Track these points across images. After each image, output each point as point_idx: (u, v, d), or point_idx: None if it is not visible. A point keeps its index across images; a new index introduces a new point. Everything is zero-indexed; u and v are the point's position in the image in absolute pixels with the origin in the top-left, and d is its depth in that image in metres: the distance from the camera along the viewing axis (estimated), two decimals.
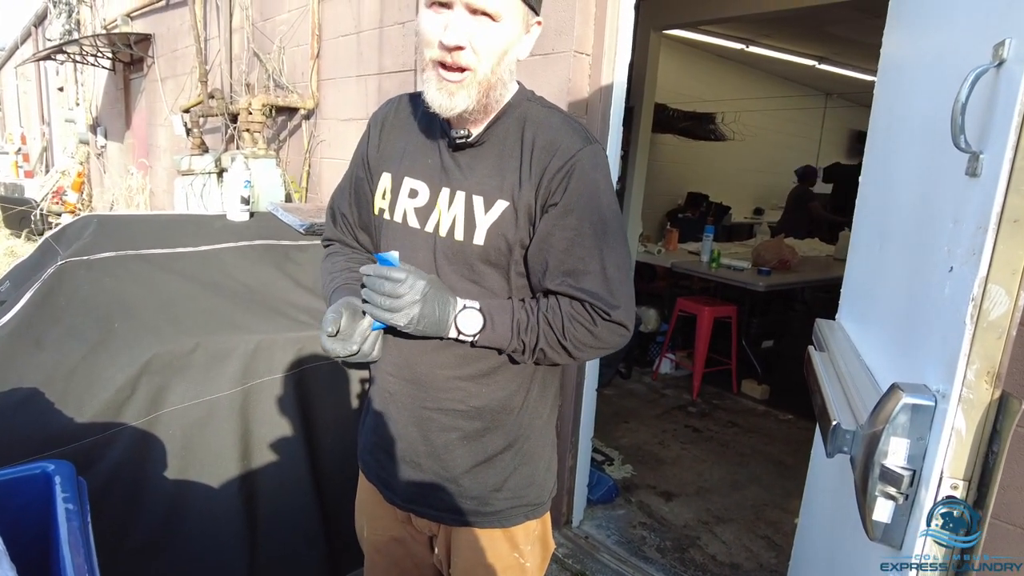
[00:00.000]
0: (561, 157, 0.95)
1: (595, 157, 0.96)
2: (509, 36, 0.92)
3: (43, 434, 1.32)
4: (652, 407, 3.72)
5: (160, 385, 1.44)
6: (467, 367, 1.02)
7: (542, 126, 0.98)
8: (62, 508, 1.06)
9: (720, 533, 2.44)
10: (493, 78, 0.93)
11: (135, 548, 1.44)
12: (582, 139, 0.97)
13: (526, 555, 1.11)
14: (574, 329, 0.94)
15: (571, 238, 0.94)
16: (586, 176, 0.94)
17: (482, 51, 0.91)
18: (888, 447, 0.73)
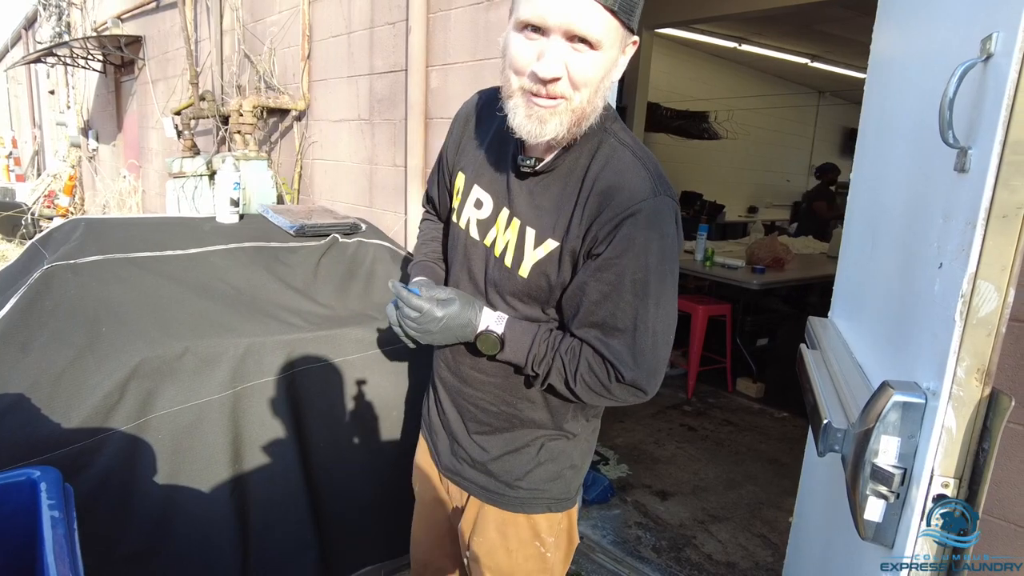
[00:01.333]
0: (615, 208, 0.89)
1: (655, 212, 0.89)
2: (607, 63, 0.86)
3: (29, 440, 1.31)
4: (647, 406, 3.71)
5: (149, 390, 1.43)
6: (507, 378, 1.06)
7: (609, 165, 0.92)
8: (47, 516, 1.05)
9: (716, 532, 2.44)
10: (588, 108, 0.88)
11: (125, 555, 1.42)
12: (648, 190, 0.90)
13: (548, 546, 1.15)
14: (586, 379, 0.94)
15: (606, 292, 0.91)
16: (638, 231, 0.88)
17: (579, 81, 0.84)
18: (879, 445, 0.73)
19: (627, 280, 0.89)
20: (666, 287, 0.92)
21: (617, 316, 0.91)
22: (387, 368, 1.76)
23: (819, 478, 1.38)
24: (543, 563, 1.16)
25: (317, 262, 1.83)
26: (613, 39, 0.84)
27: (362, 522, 1.76)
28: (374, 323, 1.77)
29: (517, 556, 1.14)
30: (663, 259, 0.90)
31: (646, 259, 0.89)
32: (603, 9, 0.81)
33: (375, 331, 1.74)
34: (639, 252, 0.89)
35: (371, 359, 1.73)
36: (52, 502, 1.09)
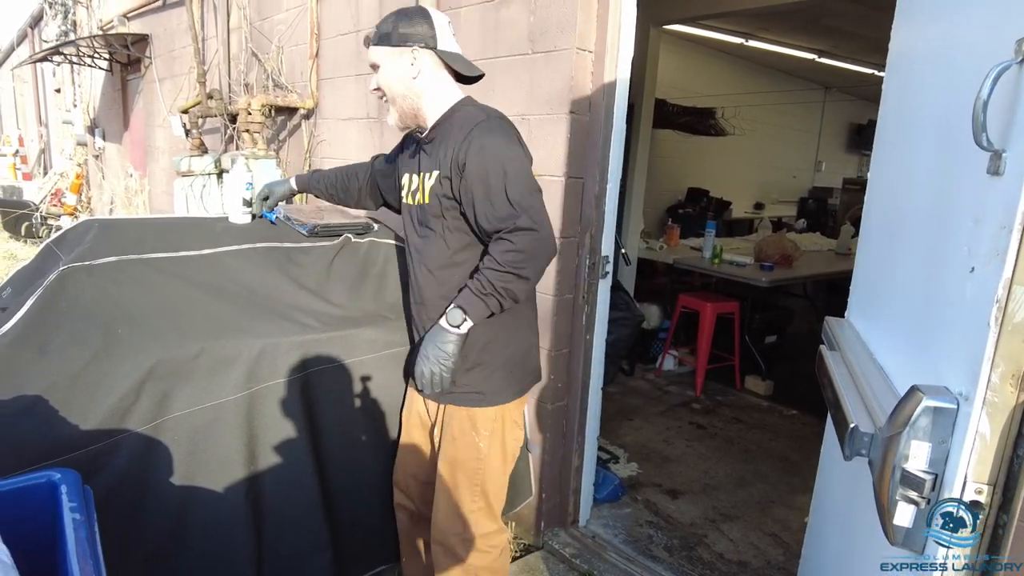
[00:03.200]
0: (464, 130, 1.36)
1: (489, 125, 1.37)
2: (391, 73, 1.42)
3: (47, 442, 1.31)
4: (656, 404, 3.71)
5: (165, 391, 1.43)
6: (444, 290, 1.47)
7: (462, 118, 1.41)
8: (69, 518, 1.05)
9: (727, 531, 2.43)
10: (398, 96, 1.44)
11: (142, 556, 1.43)
12: (482, 116, 1.39)
13: (483, 438, 1.52)
14: (504, 258, 1.30)
15: (480, 182, 1.33)
16: (482, 139, 1.34)
17: (380, 85, 1.45)
18: (909, 451, 0.72)
19: (491, 172, 1.33)
20: (519, 167, 1.35)
21: (495, 192, 1.33)
22: (399, 368, 1.76)
23: (836, 478, 1.38)
24: (477, 452, 1.52)
25: (330, 262, 1.83)
26: (386, 59, 1.43)
27: (376, 523, 1.76)
28: (387, 323, 1.77)
29: (459, 444, 1.52)
30: (503, 145, 1.35)
31: (494, 148, 1.34)
32: (372, 47, 1.44)
33: (388, 331, 1.74)
34: (488, 148, 1.34)
35: (384, 359, 1.72)
36: (73, 504, 1.09)
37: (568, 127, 2.01)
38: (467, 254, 1.46)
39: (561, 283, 2.11)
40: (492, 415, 1.52)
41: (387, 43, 1.41)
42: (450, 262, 1.46)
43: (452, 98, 1.47)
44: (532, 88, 2.10)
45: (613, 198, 2.12)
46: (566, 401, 2.26)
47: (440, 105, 1.46)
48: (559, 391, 2.22)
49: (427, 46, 1.41)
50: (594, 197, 2.08)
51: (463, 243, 1.45)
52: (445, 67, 1.46)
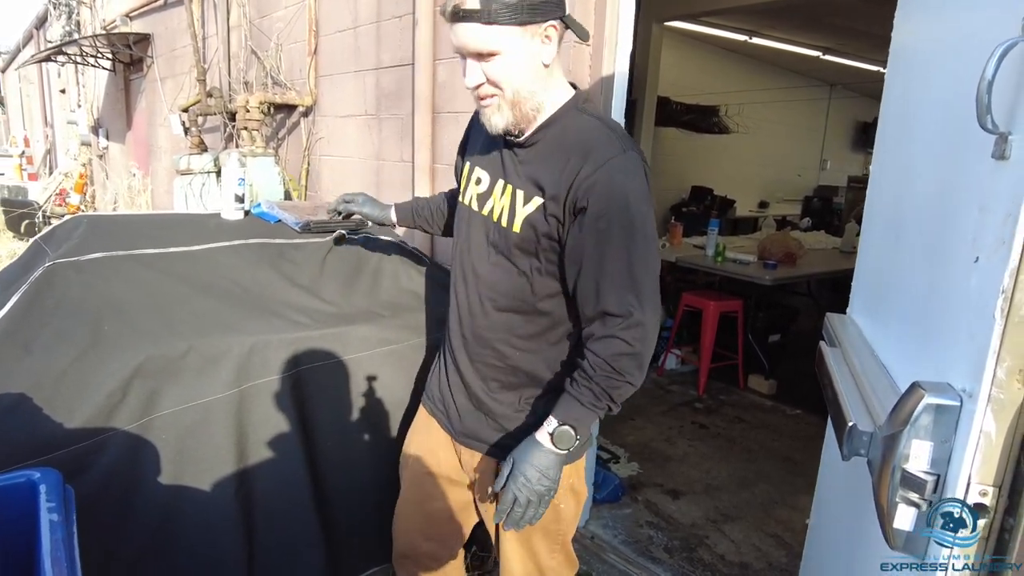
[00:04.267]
0: (592, 164, 1.04)
1: (627, 164, 1.04)
2: (514, 61, 1.03)
3: (31, 441, 1.29)
4: (658, 404, 3.67)
5: (153, 389, 1.40)
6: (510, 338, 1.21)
7: (582, 133, 1.08)
8: (46, 519, 1.02)
9: (729, 532, 2.40)
10: (520, 96, 1.06)
11: (129, 558, 1.40)
12: (617, 148, 1.05)
13: (560, 496, 1.23)
14: (620, 364, 1.04)
15: (600, 239, 1.04)
16: (614, 182, 1.03)
17: (497, 80, 1.04)
18: (909, 450, 0.69)
19: (615, 225, 1.03)
20: (648, 229, 1.05)
21: (611, 259, 1.04)
22: (394, 366, 1.73)
23: (838, 479, 1.34)
24: (556, 514, 1.26)
25: (323, 259, 1.80)
26: (512, 42, 1.01)
27: (369, 522, 1.73)
28: (381, 320, 1.74)
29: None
30: (641, 205, 1.04)
31: (627, 205, 1.03)
32: (484, 27, 0.99)
33: (382, 329, 1.71)
34: (620, 199, 1.02)
35: (378, 357, 1.70)
36: (52, 504, 1.06)
37: None
38: (553, 303, 1.16)
39: None
40: (569, 469, 1.24)
41: (514, 19, 0.98)
42: (531, 308, 1.17)
43: (565, 89, 1.13)
44: None
45: None
46: None
47: (558, 98, 1.12)
48: None
49: (559, 14, 1.04)
50: None
51: (552, 290, 1.15)
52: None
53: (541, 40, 1.03)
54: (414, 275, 1.93)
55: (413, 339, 1.77)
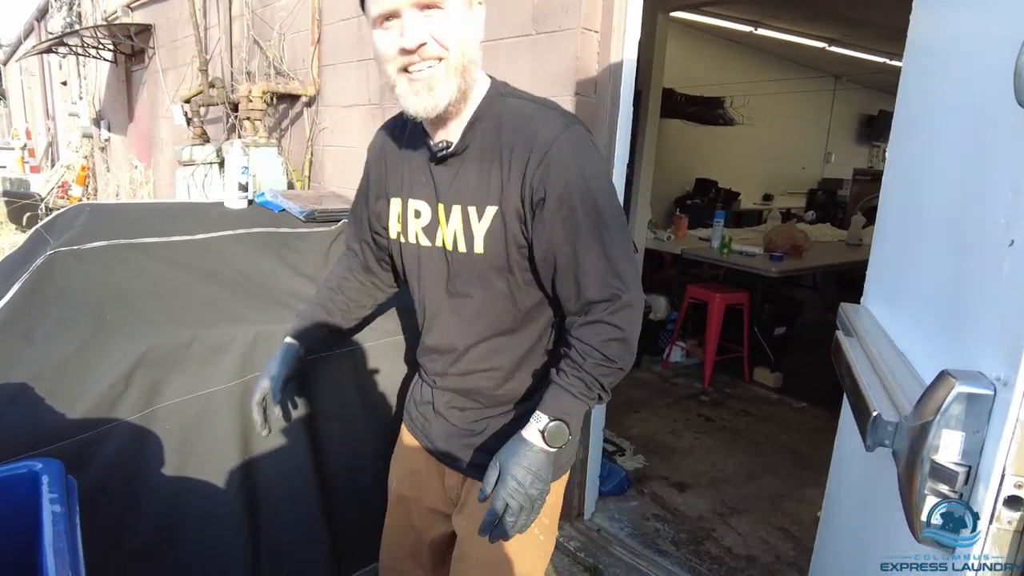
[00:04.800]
0: (539, 150, 0.94)
1: (574, 141, 0.96)
2: (460, 19, 0.93)
3: (33, 432, 1.27)
4: (663, 396, 3.65)
5: (156, 379, 1.38)
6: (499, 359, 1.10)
7: (518, 120, 0.98)
8: (48, 510, 1.01)
9: (736, 524, 2.38)
10: (465, 60, 0.94)
11: (133, 550, 1.38)
12: (559, 125, 0.96)
13: (542, 525, 1.18)
14: (610, 350, 0.97)
15: (569, 230, 0.95)
16: (567, 162, 0.94)
17: (445, 40, 0.91)
18: (939, 441, 0.66)
19: (580, 210, 0.94)
20: (613, 204, 0.97)
21: (588, 247, 0.96)
22: (400, 356, 1.71)
23: (851, 472, 1.32)
24: (535, 544, 1.18)
25: (327, 248, 1.78)
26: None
27: (374, 515, 1.71)
28: (386, 309, 1.72)
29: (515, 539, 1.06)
30: (599, 180, 0.96)
31: (585, 184, 0.94)
32: None
33: (388, 319, 1.69)
34: (577, 179, 0.94)
35: (384, 347, 1.67)
36: (54, 495, 1.04)
37: (573, 109, 1.95)
38: (539, 310, 1.07)
39: None
40: (555, 495, 1.17)
41: None
42: (517, 325, 1.07)
43: (485, 77, 1.04)
44: (536, 69, 2.04)
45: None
46: None
47: (481, 87, 1.02)
48: None
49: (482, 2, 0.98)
50: None
51: (536, 299, 1.06)
52: None
53: (478, 9, 0.96)
54: None
55: None
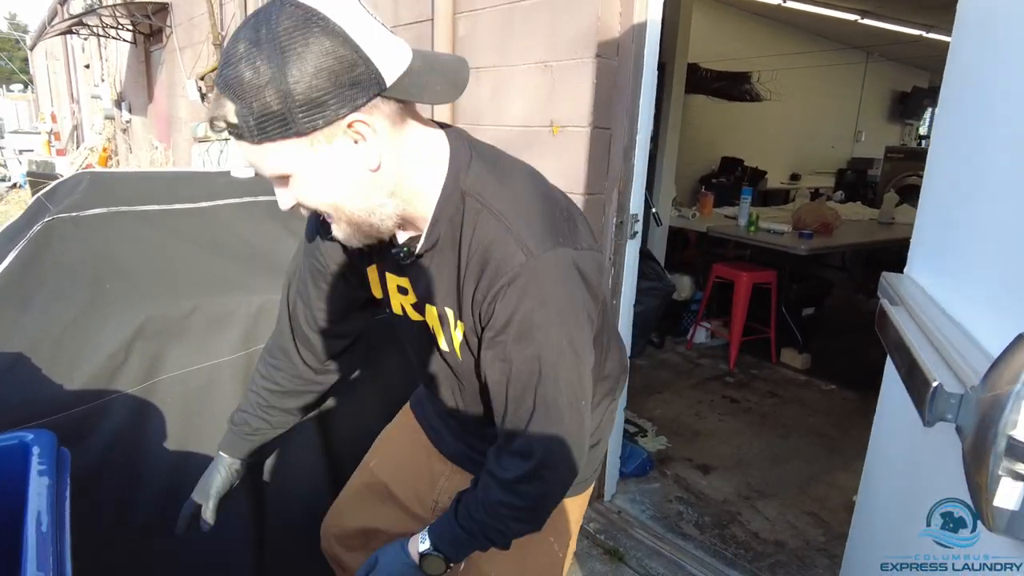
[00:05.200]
0: (487, 280, 0.78)
1: (531, 277, 0.75)
2: (315, 179, 0.72)
3: (29, 404, 1.22)
4: (686, 378, 3.56)
5: (156, 351, 1.33)
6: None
7: (476, 232, 0.79)
8: (36, 481, 0.96)
9: (762, 508, 2.29)
10: (351, 212, 0.76)
11: (137, 525, 1.34)
12: (516, 253, 0.75)
13: (560, 537, 1.09)
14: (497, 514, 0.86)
15: (500, 379, 0.81)
16: (516, 305, 0.76)
17: (309, 204, 0.76)
18: (1018, 415, 0.57)
19: (515, 362, 0.79)
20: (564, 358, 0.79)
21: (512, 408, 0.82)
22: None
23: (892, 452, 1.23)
24: (551, 558, 1.09)
25: None
26: (294, 158, 0.70)
27: None
28: None
29: (529, 551, 1.03)
30: (547, 326, 0.77)
31: (533, 336, 0.77)
32: (254, 147, 0.69)
33: None
34: (520, 332, 0.77)
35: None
36: (43, 467, 1.00)
37: (594, 72, 1.84)
38: None
39: None
40: (577, 510, 1.11)
41: (285, 131, 0.67)
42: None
43: (435, 165, 0.79)
44: (555, 32, 1.94)
45: (643, 150, 1.96)
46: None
47: (429, 183, 0.79)
48: None
49: (368, 97, 0.69)
50: (623, 149, 1.92)
51: None
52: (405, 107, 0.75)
53: (349, 142, 0.71)
54: None
55: None
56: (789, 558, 2.00)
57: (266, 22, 0.65)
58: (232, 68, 0.65)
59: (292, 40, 0.64)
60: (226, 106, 0.67)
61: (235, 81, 0.65)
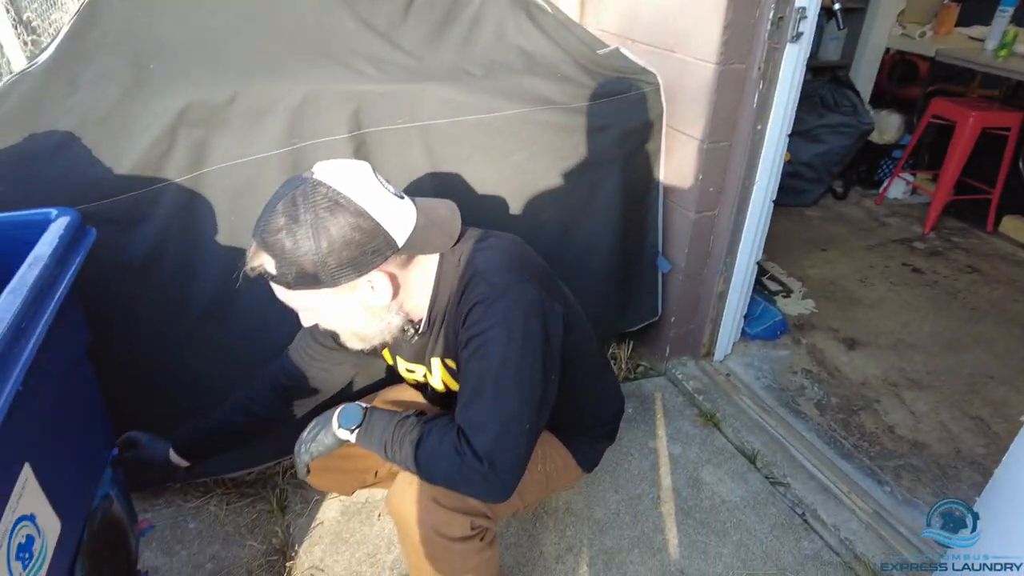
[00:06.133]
0: (463, 309, 0.94)
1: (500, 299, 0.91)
2: (335, 314, 0.93)
3: (82, 183, 1.22)
4: (864, 237, 2.98)
5: (200, 140, 1.26)
6: None
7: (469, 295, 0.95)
8: (33, 255, 0.94)
9: (911, 401, 1.89)
10: (363, 333, 0.97)
11: (197, 316, 1.37)
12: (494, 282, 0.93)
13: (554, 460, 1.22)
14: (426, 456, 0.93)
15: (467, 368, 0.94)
16: (482, 320, 0.91)
17: (327, 327, 0.99)
18: None
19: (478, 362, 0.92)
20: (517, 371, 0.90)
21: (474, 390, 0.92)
22: (481, 142, 1.41)
23: None
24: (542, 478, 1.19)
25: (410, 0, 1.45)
26: (320, 301, 0.90)
27: None
28: (469, 82, 1.40)
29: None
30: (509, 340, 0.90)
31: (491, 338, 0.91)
32: (287, 291, 0.89)
33: (467, 92, 1.38)
34: (479, 345, 0.91)
35: (461, 129, 1.39)
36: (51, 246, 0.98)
37: None
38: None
39: (728, 46, 1.51)
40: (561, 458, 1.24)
41: (312, 286, 0.87)
42: None
43: (428, 271, 0.98)
44: None
45: None
46: (716, 211, 1.78)
47: (424, 288, 0.99)
48: (707, 197, 1.73)
49: (384, 258, 0.88)
50: None
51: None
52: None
53: (367, 289, 0.91)
54: (525, 27, 1.51)
55: (509, 108, 1.41)
56: (926, 464, 1.65)
57: (303, 201, 0.82)
58: (272, 236, 0.83)
59: (323, 220, 0.82)
60: (266, 261, 0.86)
61: (276, 247, 0.84)
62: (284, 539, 1.45)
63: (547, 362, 0.93)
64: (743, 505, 1.55)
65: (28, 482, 0.93)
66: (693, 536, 1.48)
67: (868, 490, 1.54)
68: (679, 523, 1.51)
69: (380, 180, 0.89)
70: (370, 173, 0.89)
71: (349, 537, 1.46)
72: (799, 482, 1.58)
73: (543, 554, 1.43)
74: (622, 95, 1.59)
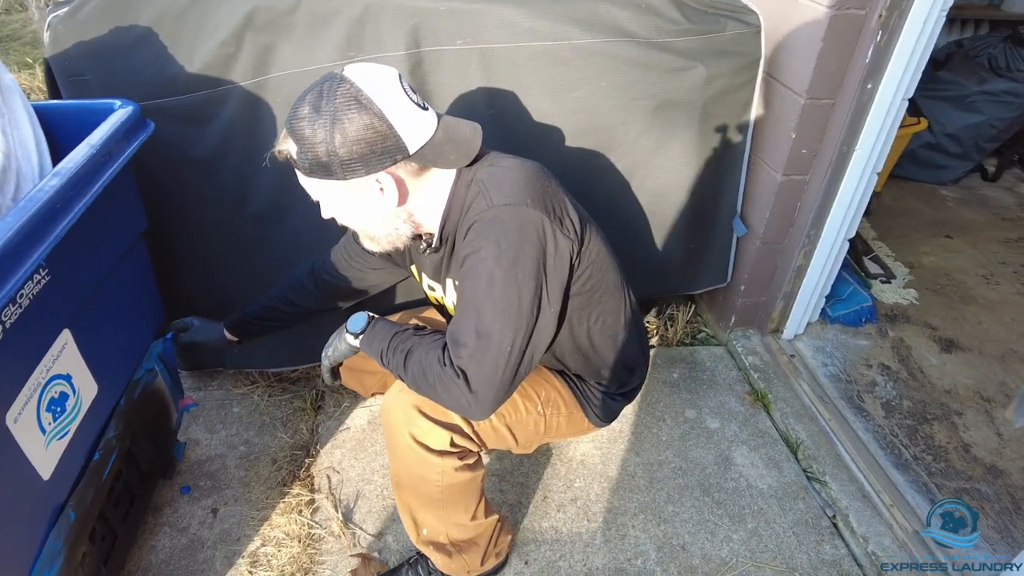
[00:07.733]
0: (464, 226, 0.97)
1: (489, 219, 0.93)
2: (346, 208, 0.98)
3: (159, 77, 1.29)
4: (1006, 228, 2.61)
5: (265, 45, 1.28)
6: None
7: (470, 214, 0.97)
8: (86, 141, 1.01)
9: (1002, 421, 1.67)
10: (373, 232, 1.02)
11: (254, 214, 1.44)
12: (493, 202, 0.94)
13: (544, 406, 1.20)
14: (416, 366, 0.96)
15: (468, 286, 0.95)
16: (476, 240, 0.93)
17: (340, 220, 1.02)
18: None
19: (468, 280, 0.94)
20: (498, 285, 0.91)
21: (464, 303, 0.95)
22: (543, 69, 1.34)
23: None
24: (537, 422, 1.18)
25: None
26: (331, 192, 0.95)
27: None
28: (537, 5, 1.32)
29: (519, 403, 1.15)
30: (498, 259, 0.91)
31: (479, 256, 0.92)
32: (304, 176, 0.95)
33: (531, 15, 1.30)
34: (470, 265, 0.94)
35: (523, 54, 1.32)
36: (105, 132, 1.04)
37: None
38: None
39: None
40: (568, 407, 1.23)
41: (328, 175, 0.91)
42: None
43: (443, 186, 0.99)
44: None
45: None
46: (807, 176, 1.60)
47: (436, 203, 1.01)
48: (799, 159, 1.56)
49: (394, 161, 0.91)
50: None
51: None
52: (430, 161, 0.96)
53: (376, 190, 0.94)
54: None
55: (578, 38, 1.32)
56: (997, 493, 1.46)
57: (327, 94, 0.87)
58: (298, 122, 0.89)
59: (340, 113, 0.86)
60: (290, 145, 0.91)
61: (298, 133, 0.89)
62: (311, 437, 1.55)
63: (540, 291, 0.93)
64: (769, 494, 1.46)
65: (67, 346, 1.04)
66: (706, 514, 1.42)
67: (915, 507, 1.39)
68: (695, 498, 1.45)
69: (405, 88, 0.91)
70: (396, 79, 0.91)
71: (370, 447, 1.54)
72: (838, 483, 1.46)
73: (547, 499, 1.43)
74: (714, 34, 1.44)
